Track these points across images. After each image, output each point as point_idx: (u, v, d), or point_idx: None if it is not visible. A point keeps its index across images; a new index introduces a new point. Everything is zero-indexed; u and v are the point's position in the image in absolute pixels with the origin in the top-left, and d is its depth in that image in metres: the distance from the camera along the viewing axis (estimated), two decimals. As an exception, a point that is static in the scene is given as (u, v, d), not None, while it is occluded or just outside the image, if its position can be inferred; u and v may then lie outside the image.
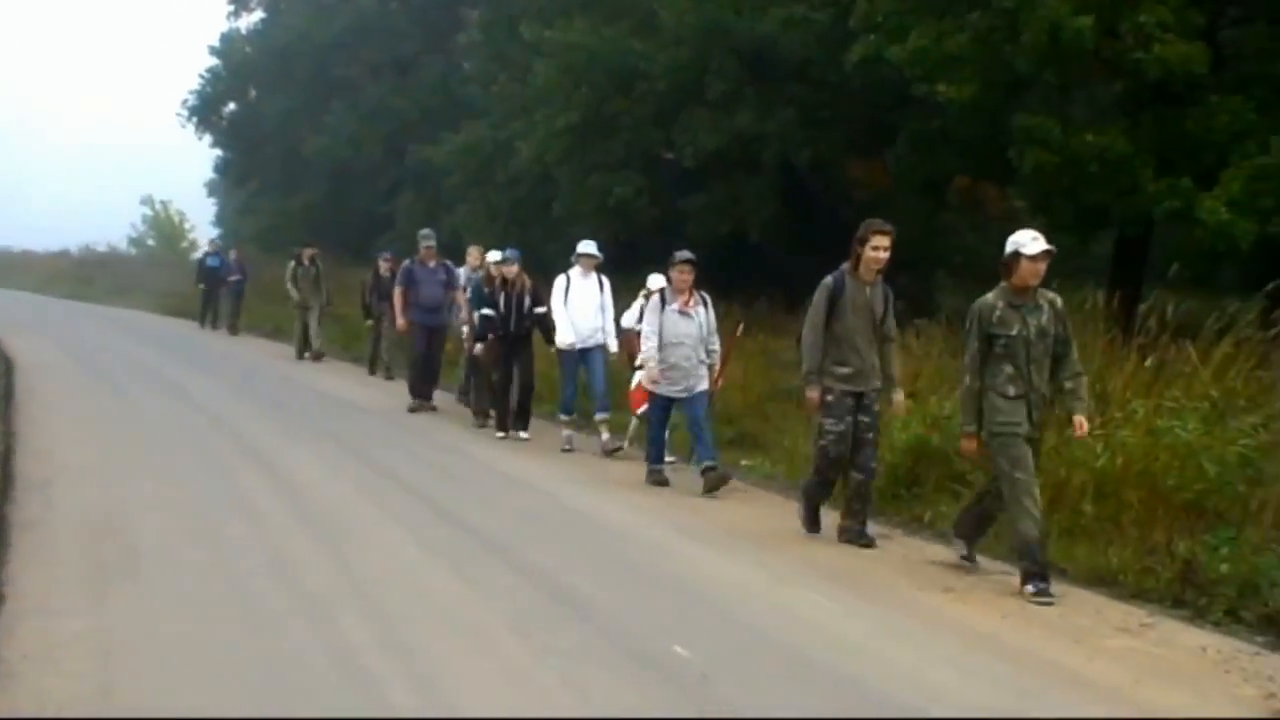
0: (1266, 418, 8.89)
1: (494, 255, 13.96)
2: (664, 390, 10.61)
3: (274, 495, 9.44)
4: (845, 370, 8.47)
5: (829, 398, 8.42)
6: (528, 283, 13.08)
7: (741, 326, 12.32)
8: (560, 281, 12.45)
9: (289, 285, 21.46)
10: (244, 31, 40.69)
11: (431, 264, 15.37)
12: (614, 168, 21.08)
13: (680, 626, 6.28)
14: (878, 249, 8.46)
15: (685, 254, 10.69)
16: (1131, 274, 15.71)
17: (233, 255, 28.02)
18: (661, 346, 10.52)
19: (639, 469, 10.90)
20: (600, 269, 12.75)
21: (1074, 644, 6.33)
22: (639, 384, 11.39)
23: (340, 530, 8.26)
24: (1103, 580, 7.53)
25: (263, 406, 15.03)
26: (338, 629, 6.04)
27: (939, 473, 9.53)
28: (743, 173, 19.80)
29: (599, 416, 12.21)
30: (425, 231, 15.86)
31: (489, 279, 13.55)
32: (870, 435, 8.59)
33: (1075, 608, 7.02)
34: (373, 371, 19.28)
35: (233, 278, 27.05)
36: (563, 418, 12.64)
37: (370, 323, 19.16)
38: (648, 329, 10.63)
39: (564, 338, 12.31)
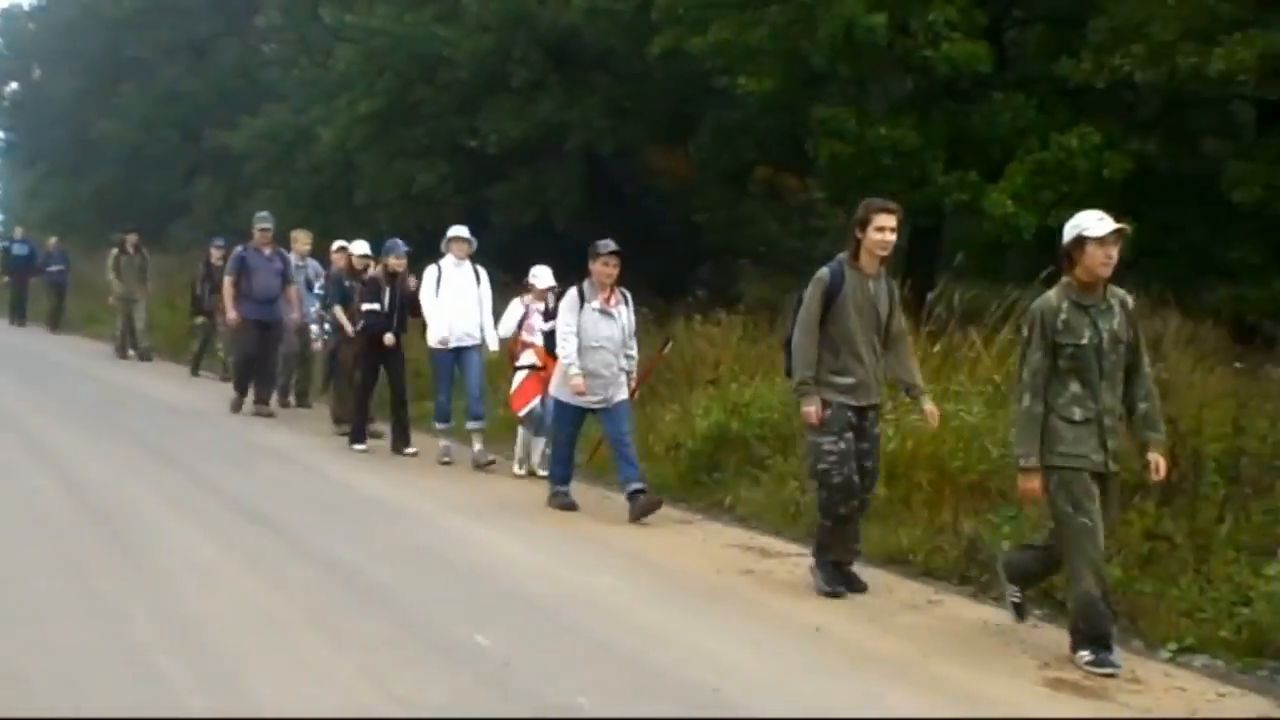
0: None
1: (359, 247, 12.79)
2: (578, 401, 9.17)
3: (75, 510, 9.09)
4: (845, 380, 6.94)
5: (826, 411, 6.91)
6: (413, 279, 11.69)
7: (669, 344, 11.33)
8: (431, 272, 11.11)
9: (111, 276, 19.56)
10: (26, 7, 38.96)
11: (267, 251, 13.80)
12: (418, 155, 20.86)
13: (481, 615, 6.27)
14: (883, 230, 6.88)
15: (610, 244, 9.21)
16: (924, 263, 16.26)
17: (52, 243, 25.18)
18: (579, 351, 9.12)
19: (506, 483, 10.81)
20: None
21: (866, 621, 6.54)
22: (523, 381, 10.38)
23: (130, 530, 8.01)
24: (894, 560, 7.78)
25: (75, 413, 13.84)
26: (128, 628, 5.86)
27: (739, 458, 9.70)
28: (547, 161, 19.82)
29: (472, 425, 10.96)
30: (262, 214, 14.26)
31: (351, 271, 12.50)
32: (871, 463, 7.12)
33: (869, 586, 7.24)
34: (195, 372, 17.69)
35: (53, 268, 24.45)
36: (438, 426, 11.22)
37: (200, 319, 17.47)
38: (565, 329, 9.12)
39: (437, 334, 10.93)
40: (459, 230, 11.28)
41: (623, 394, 9.28)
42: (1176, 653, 6.14)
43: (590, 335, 9.07)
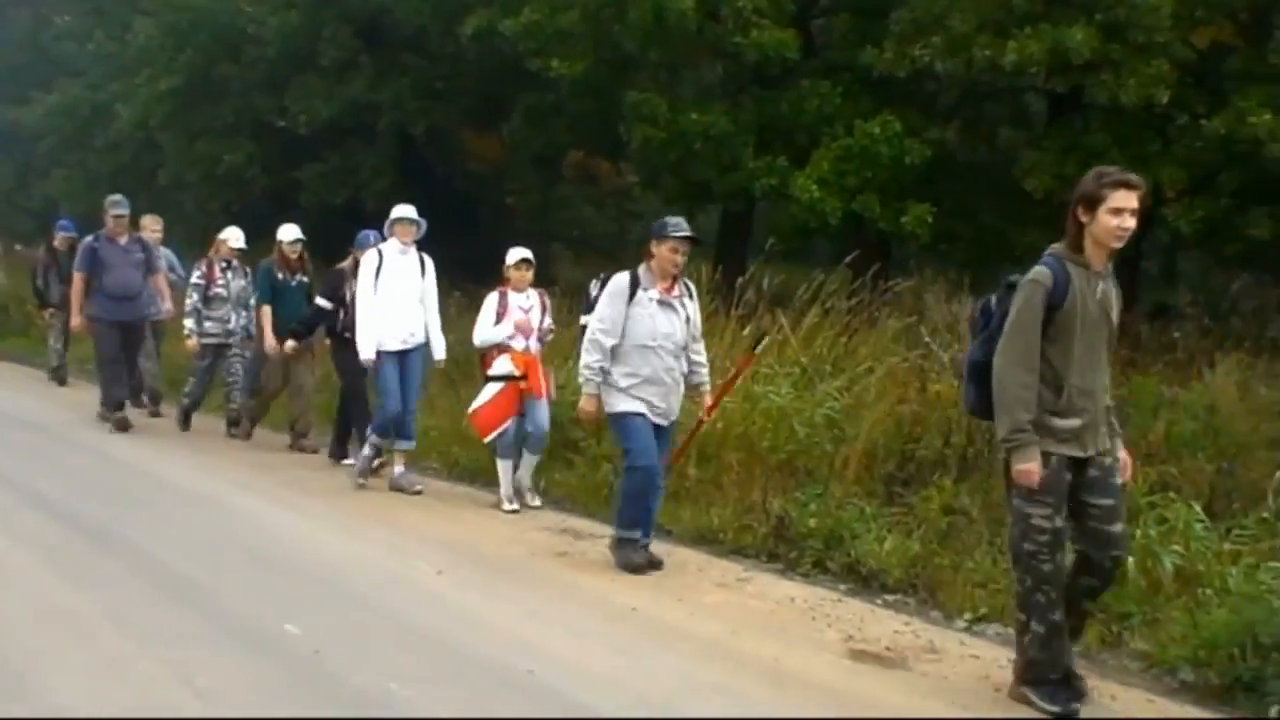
0: (849, 381, 9.58)
1: (289, 232, 11.12)
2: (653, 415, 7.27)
3: None
4: (1069, 424, 5.12)
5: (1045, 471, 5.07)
6: None
7: (765, 341, 9.20)
8: (370, 259, 9.33)
9: None
10: None
11: (123, 241, 11.90)
12: (223, 134, 20.27)
13: (291, 605, 6.19)
14: (1121, 214, 5.07)
15: (682, 225, 7.39)
16: (736, 248, 16.56)
17: None
18: (623, 353, 7.24)
19: (319, 470, 10.57)
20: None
21: (676, 601, 6.65)
22: (496, 395, 8.79)
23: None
24: (705, 539, 7.93)
25: None
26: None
27: (553, 441, 9.73)
28: (358, 142, 19.48)
29: (400, 444, 9.37)
30: (115, 198, 12.13)
31: (284, 261, 11.01)
32: (1118, 527, 5.23)
33: (679, 566, 7.37)
34: (61, 380, 15.47)
35: None
36: (372, 438, 9.46)
37: (49, 313, 15.29)
38: (601, 325, 7.27)
39: (367, 346, 9.17)
40: (404, 210, 9.45)
41: (675, 414, 7.48)
42: (972, 622, 6.42)
43: (644, 332, 7.18)
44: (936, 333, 9.96)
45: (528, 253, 9.15)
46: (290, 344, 10.65)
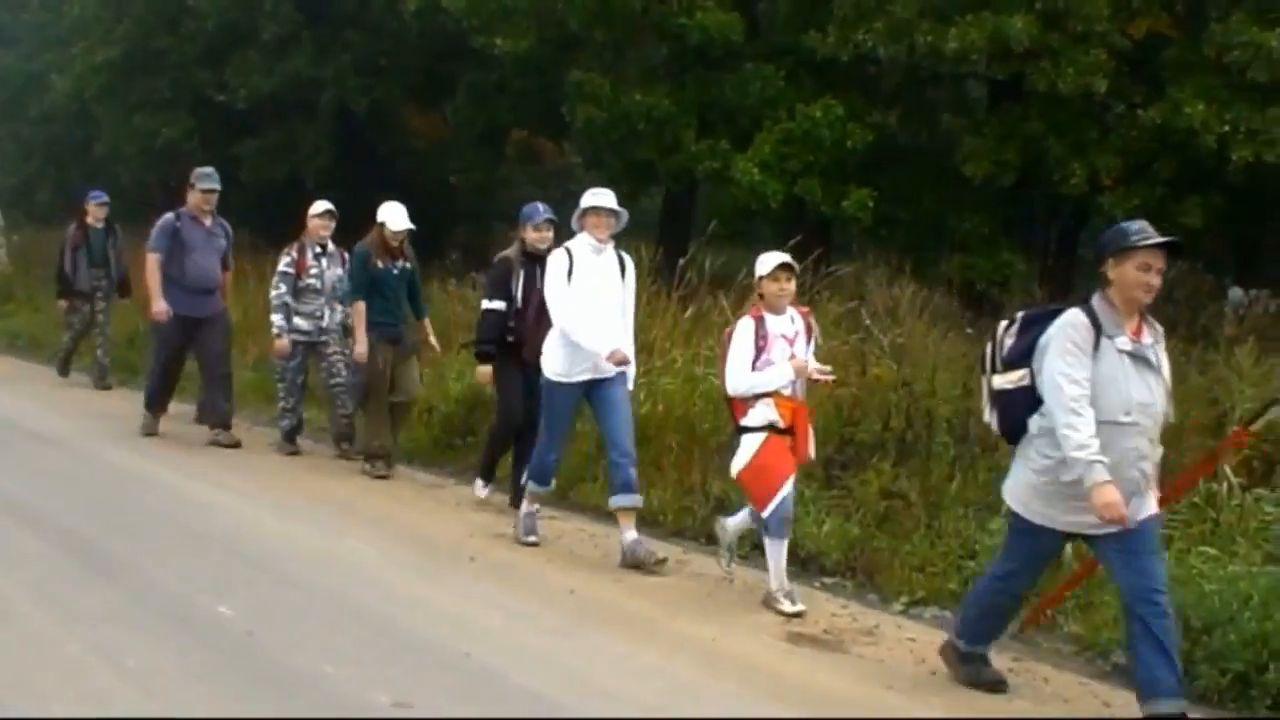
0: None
1: (396, 214, 9.13)
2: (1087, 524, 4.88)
3: None
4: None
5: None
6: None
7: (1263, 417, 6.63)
8: (558, 261, 7.10)
9: None
10: None
11: (208, 222, 10.08)
12: (161, 108, 19.99)
13: (225, 585, 6.12)
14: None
15: (1146, 229, 4.96)
16: (679, 229, 16.57)
17: None
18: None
19: (252, 447, 10.45)
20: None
21: (615, 583, 6.66)
22: (762, 448, 6.35)
23: None
24: (645, 521, 7.87)
25: None
26: None
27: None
28: (299, 118, 19.28)
29: (623, 501, 7.11)
30: (205, 170, 10.35)
31: (385, 246, 9.12)
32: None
33: (618, 547, 7.34)
34: (64, 372, 13.47)
35: None
36: (534, 489, 7.38)
37: (68, 304, 13.10)
38: (1076, 393, 4.76)
39: (591, 345, 6.97)
40: (600, 197, 7.21)
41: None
42: (909, 605, 6.48)
43: (1115, 402, 4.80)
44: (877, 317, 10.00)
45: (786, 256, 6.59)
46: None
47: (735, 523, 6.78)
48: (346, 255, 9.66)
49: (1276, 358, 9.20)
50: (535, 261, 7.72)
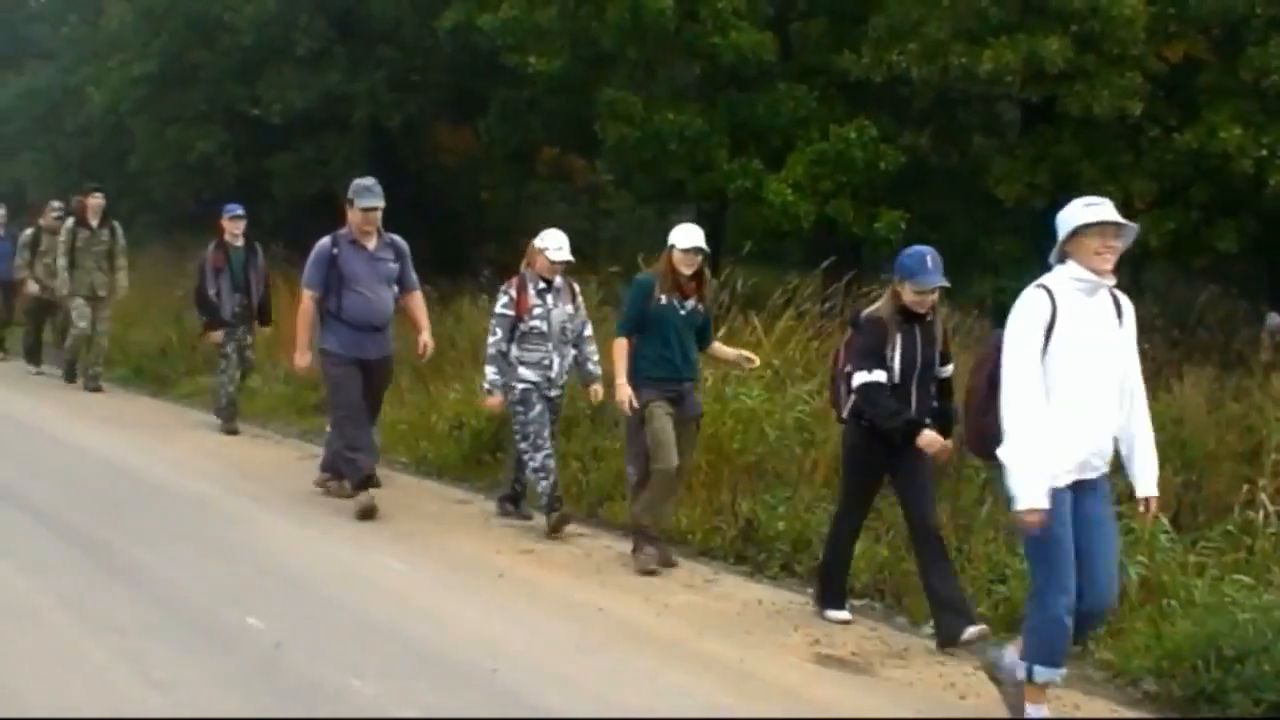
0: (820, 385, 9.56)
1: (689, 235, 7.36)
2: None
3: None
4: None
5: None
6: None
7: None
8: (1036, 307, 4.83)
9: (61, 260, 13.18)
10: None
11: (372, 244, 8.43)
12: (195, 121, 20.10)
13: (252, 597, 6.13)
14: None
15: None
16: (709, 248, 16.52)
17: None
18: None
19: (281, 459, 10.40)
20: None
21: (643, 600, 6.63)
22: None
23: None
24: (673, 540, 7.86)
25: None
26: None
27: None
28: (331, 133, 19.36)
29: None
30: (365, 182, 8.56)
31: (674, 278, 7.31)
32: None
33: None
34: (231, 423, 11.38)
35: None
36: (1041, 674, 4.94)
37: (218, 335, 11.39)
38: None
39: (1031, 480, 4.75)
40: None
41: None
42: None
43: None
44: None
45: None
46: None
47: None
48: (577, 289, 8.39)
49: (1313, 384, 9.12)
50: (914, 322, 6.27)
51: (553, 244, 8.06)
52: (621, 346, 7.36)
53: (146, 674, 4.97)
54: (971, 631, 5.90)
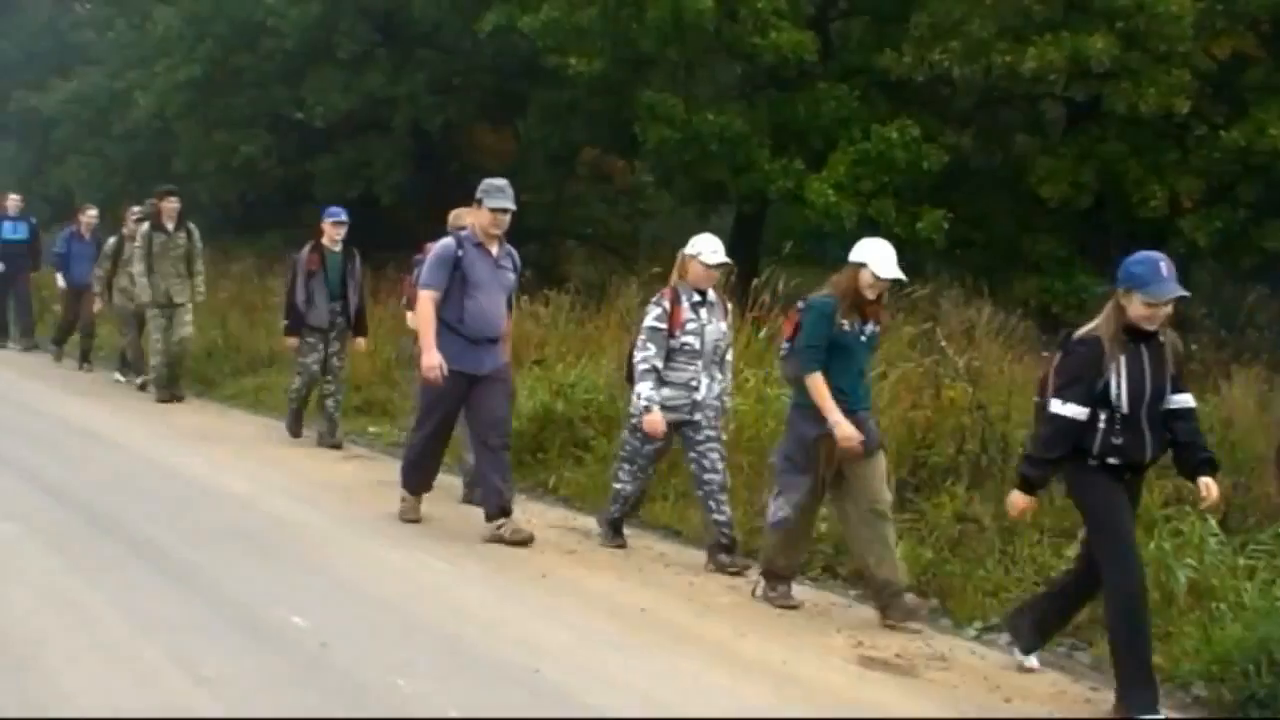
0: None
1: (878, 254, 6.59)
2: None
3: None
4: None
5: None
6: None
7: None
8: None
9: (138, 266, 12.76)
10: None
11: (494, 250, 7.88)
12: (240, 125, 20.28)
13: (298, 597, 6.16)
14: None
15: None
16: (749, 249, 16.50)
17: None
18: None
19: (327, 462, 10.45)
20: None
21: (686, 602, 6.62)
22: None
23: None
24: (714, 541, 7.87)
25: None
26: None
27: (563, 439, 9.71)
28: (373, 135, 19.47)
29: None
30: (496, 182, 8.02)
31: (856, 302, 6.54)
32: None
33: (689, 567, 7.33)
34: (297, 430, 11.15)
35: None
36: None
37: (296, 342, 11.00)
38: None
39: None
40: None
41: None
42: (982, 631, 6.38)
43: None
44: (952, 338, 9.89)
45: None
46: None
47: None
48: (728, 304, 7.94)
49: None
50: (1140, 341, 5.29)
51: (707, 248, 7.37)
52: (819, 382, 6.39)
53: (195, 671, 5.00)
54: None
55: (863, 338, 6.55)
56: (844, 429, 6.32)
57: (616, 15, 14.45)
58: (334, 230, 10.84)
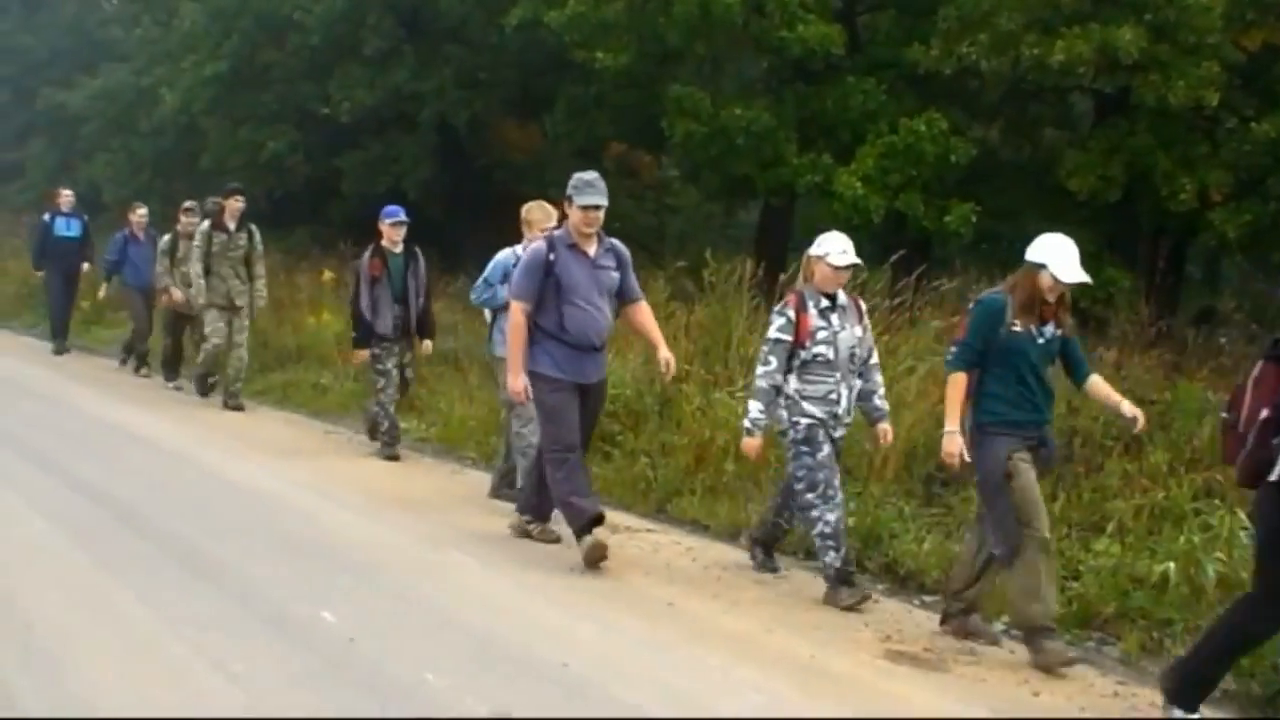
0: (890, 380, 9.46)
1: (1058, 254, 5.98)
2: None
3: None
4: None
5: None
6: None
7: None
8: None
9: (196, 266, 12.38)
10: None
11: (591, 250, 7.20)
12: (266, 121, 20.37)
13: (326, 592, 6.19)
14: None
15: None
16: (776, 243, 16.50)
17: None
18: None
19: (354, 459, 10.51)
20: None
21: (713, 597, 6.62)
22: None
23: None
24: (738, 535, 7.87)
25: None
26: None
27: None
28: (399, 131, 19.53)
29: None
30: (587, 176, 7.17)
31: (1032, 303, 5.98)
32: None
33: (716, 562, 7.34)
34: (394, 451, 10.29)
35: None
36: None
37: (363, 355, 10.42)
38: None
39: None
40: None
41: None
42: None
43: None
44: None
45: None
46: None
47: None
48: (864, 307, 7.30)
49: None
50: None
51: (835, 248, 6.78)
52: (960, 383, 5.93)
53: (224, 667, 5.03)
54: None
55: (1040, 340, 5.96)
56: (953, 443, 5.92)
57: (643, 9, 14.45)
58: (393, 232, 10.26)
